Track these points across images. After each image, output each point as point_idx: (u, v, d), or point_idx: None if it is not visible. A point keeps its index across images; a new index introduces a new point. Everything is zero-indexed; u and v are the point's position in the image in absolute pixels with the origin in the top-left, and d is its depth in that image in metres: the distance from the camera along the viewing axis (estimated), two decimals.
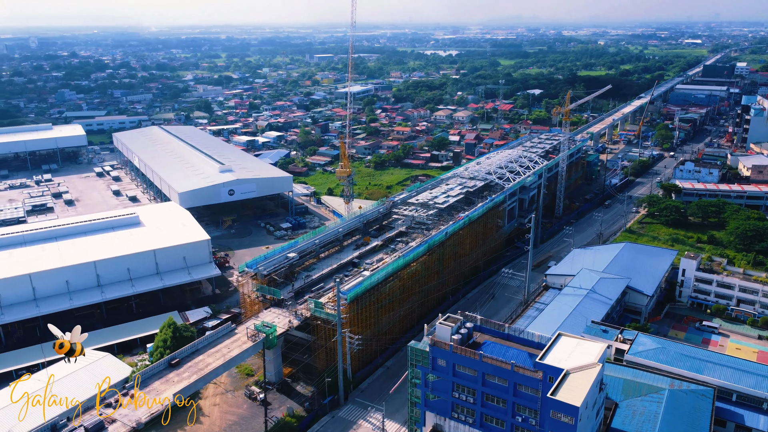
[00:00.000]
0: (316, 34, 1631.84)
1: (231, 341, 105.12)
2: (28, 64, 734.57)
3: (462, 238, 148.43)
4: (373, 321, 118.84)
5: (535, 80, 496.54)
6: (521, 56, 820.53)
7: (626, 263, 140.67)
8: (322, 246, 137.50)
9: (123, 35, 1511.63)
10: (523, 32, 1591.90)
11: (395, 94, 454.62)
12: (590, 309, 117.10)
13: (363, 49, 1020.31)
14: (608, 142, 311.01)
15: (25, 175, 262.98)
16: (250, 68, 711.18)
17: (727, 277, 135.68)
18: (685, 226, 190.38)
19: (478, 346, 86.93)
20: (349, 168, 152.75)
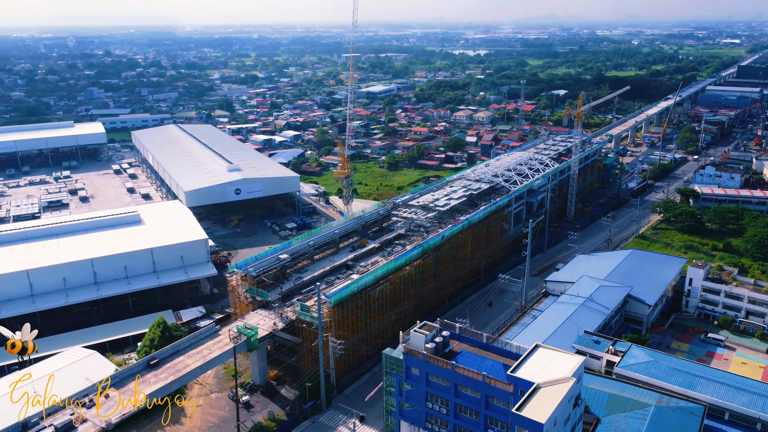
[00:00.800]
0: (346, 33, 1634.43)
1: (213, 342, 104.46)
2: (64, 63, 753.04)
3: (462, 242, 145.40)
4: (362, 325, 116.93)
5: (561, 80, 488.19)
6: (551, 56, 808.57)
7: (630, 271, 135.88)
8: (317, 247, 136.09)
9: (158, 35, 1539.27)
10: (555, 32, 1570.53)
11: (417, 94, 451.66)
12: (585, 318, 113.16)
13: (391, 48, 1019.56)
14: (630, 145, 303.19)
15: (46, 171, 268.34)
16: (277, 67, 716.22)
17: (736, 287, 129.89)
18: (701, 232, 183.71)
19: (454, 355, 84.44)
20: (348, 169, 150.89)
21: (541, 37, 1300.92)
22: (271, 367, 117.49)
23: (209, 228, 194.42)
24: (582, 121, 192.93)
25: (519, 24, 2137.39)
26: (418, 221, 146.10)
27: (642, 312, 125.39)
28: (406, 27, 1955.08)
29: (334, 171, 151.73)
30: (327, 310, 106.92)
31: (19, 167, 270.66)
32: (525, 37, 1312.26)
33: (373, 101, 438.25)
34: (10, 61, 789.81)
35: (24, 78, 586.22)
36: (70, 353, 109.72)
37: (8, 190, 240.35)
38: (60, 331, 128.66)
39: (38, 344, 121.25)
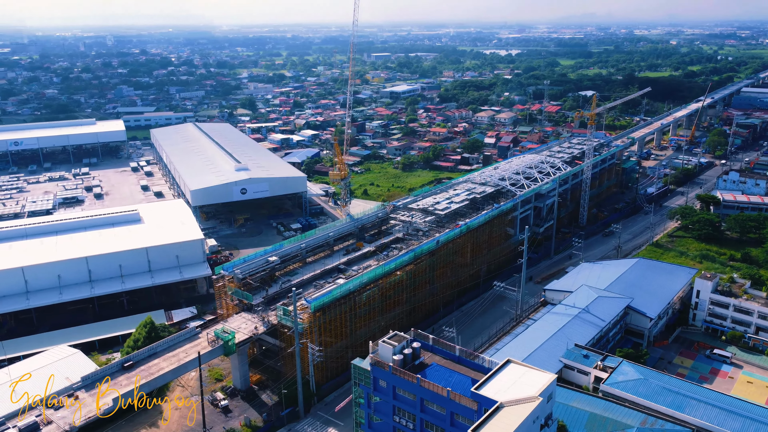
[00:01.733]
0: (380, 32, 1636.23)
1: (191, 345, 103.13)
2: (100, 61, 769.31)
3: (460, 247, 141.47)
4: (347, 331, 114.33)
5: (591, 81, 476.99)
6: (584, 56, 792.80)
7: (634, 281, 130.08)
8: (310, 250, 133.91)
9: (194, 34, 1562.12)
10: (592, 31, 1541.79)
11: (441, 94, 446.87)
12: (577, 331, 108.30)
13: (422, 48, 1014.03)
14: (655, 148, 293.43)
15: (66, 168, 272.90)
16: (306, 66, 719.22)
17: (746, 301, 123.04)
18: (719, 241, 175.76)
19: (424, 368, 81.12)
20: (345, 171, 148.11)
21: (576, 36, 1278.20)
22: (254, 371, 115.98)
23: (215, 227, 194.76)
24: (595, 123, 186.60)
25: (555, 24, 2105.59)
26: (415, 225, 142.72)
27: (643, 325, 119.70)
28: (440, 26, 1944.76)
29: (331, 173, 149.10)
30: (307, 316, 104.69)
31: (41, 163, 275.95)
32: (560, 36, 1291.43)
33: (396, 101, 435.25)
34: (50, 59, 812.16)
35: (59, 76, 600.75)
36: (54, 352, 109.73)
37: (27, 186, 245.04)
38: (55, 327, 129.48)
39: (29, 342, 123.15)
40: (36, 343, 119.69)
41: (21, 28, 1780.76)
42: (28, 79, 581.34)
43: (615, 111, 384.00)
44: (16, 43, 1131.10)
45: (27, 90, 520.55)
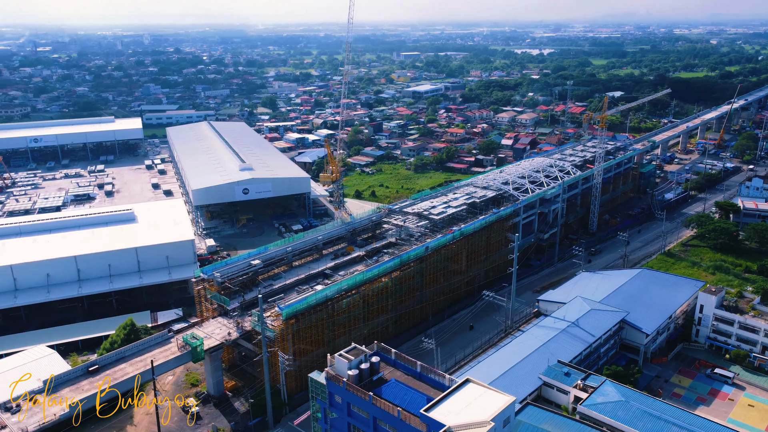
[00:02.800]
0: (413, 32, 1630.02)
1: (161, 350, 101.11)
2: (135, 59, 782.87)
3: (454, 253, 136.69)
4: (325, 339, 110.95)
5: (620, 81, 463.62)
6: (618, 56, 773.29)
7: (633, 293, 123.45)
8: (297, 254, 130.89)
9: (230, 33, 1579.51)
10: (630, 30, 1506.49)
11: (464, 94, 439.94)
12: (562, 346, 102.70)
13: (453, 47, 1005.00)
14: (680, 151, 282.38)
15: (83, 165, 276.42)
16: (334, 65, 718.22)
17: (752, 318, 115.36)
18: (736, 252, 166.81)
19: (383, 383, 77.16)
20: (338, 173, 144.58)
21: (612, 36, 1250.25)
22: (231, 377, 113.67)
23: (216, 227, 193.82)
24: (606, 126, 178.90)
25: (593, 23, 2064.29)
26: (408, 230, 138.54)
27: (638, 340, 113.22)
28: (474, 26, 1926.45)
29: (322, 175, 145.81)
30: (278, 323, 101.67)
31: (59, 160, 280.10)
32: (596, 35, 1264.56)
33: (418, 100, 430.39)
34: (87, 57, 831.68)
35: (92, 74, 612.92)
36: (31, 352, 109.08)
37: (43, 182, 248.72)
38: (44, 326, 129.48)
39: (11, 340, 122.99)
40: (18, 341, 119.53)
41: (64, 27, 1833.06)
42: (62, 77, 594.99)
43: (643, 113, 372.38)
44: (58, 42, 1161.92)
45: (59, 87, 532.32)
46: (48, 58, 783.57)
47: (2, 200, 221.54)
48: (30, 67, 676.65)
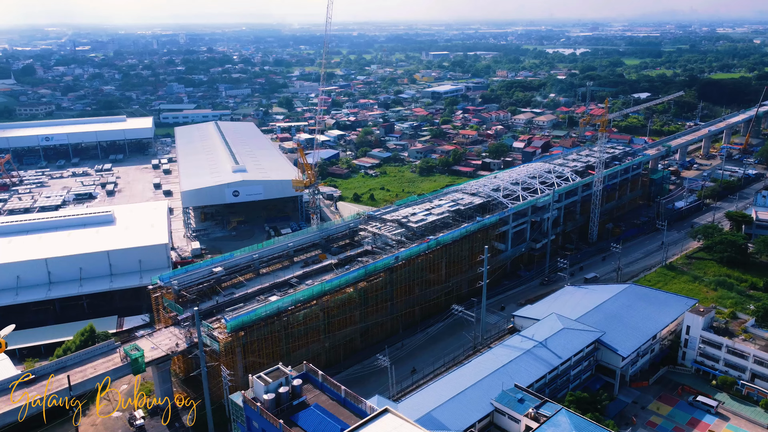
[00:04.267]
0: (447, 31, 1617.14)
1: (103, 361, 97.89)
2: (167, 58, 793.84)
3: (431, 263, 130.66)
4: (280, 352, 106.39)
5: (648, 82, 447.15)
6: (653, 55, 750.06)
7: (615, 311, 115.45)
8: (265, 261, 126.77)
9: (265, 32, 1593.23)
10: (670, 29, 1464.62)
11: (484, 95, 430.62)
12: (524, 368, 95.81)
13: (485, 46, 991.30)
14: (702, 156, 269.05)
15: (93, 163, 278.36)
16: (360, 65, 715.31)
17: (741, 342, 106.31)
18: (744, 266, 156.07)
19: (303, 408, 72.11)
20: (312, 177, 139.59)
21: (651, 35, 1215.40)
22: (185, 389, 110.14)
23: (207, 229, 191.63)
24: (606, 130, 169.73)
25: (633, 21, 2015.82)
26: (383, 238, 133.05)
27: (614, 363, 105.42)
28: (510, 24, 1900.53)
29: (293, 180, 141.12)
30: (224, 336, 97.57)
31: (70, 158, 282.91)
32: (634, 35, 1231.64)
33: (437, 101, 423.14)
34: (122, 56, 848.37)
35: (121, 73, 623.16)
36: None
37: (49, 181, 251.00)
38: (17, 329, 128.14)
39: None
40: None
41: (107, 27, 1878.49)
42: (92, 76, 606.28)
43: (668, 115, 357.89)
44: (97, 41, 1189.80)
45: (88, 86, 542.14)
46: (84, 57, 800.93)
47: (5, 198, 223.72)
48: (64, 66, 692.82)
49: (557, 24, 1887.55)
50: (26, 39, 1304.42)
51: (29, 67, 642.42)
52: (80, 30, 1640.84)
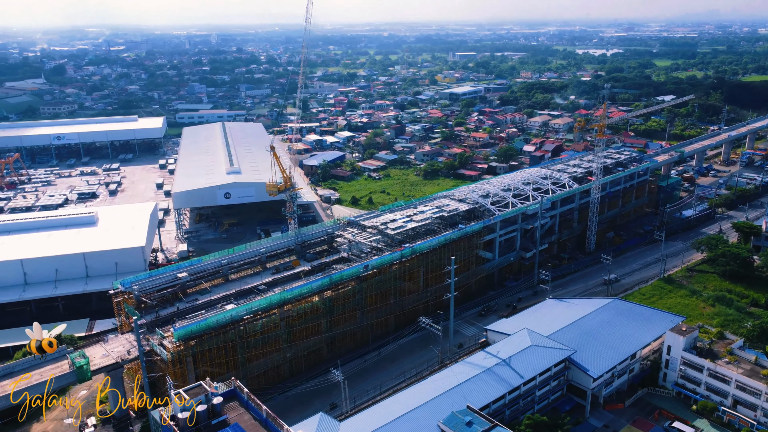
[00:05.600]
0: (478, 31, 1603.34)
1: (53, 367, 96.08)
2: (196, 58, 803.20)
3: (407, 272, 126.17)
4: (237, 362, 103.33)
5: (675, 84, 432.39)
6: (686, 57, 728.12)
7: (593, 327, 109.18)
8: (235, 266, 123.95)
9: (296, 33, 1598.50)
10: (709, 29, 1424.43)
11: (502, 96, 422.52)
12: (481, 387, 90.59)
13: (514, 47, 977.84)
14: (721, 162, 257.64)
15: (103, 162, 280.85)
16: (384, 65, 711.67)
17: (724, 365, 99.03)
18: (748, 280, 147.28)
19: (222, 427, 68.59)
20: (288, 181, 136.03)
21: (688, 35, 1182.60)
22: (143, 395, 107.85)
23: (198, 231, 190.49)
24: (603, 135, 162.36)
25: (671, 21, 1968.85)
26: (358, 245, 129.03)
27: (585, 383, 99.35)
28: (544, 24, 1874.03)
29: (267, 184, 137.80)
30: (173, 345, 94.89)
31: (80, 157, 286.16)
32: (670, 35, 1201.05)
33: (454, 102, 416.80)
34: (153, 56, 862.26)
35: (148, 72, 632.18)
36: None
37: (57, 179, 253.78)
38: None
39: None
40: None
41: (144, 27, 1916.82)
42: (119, 75, 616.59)
43: (692, 118, 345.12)
44: (131, 41, 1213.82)
45: (114, 86, 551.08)
46: (116, 57, 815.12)
47: (10, 197, 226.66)
48: (94, 65, 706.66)
49: (592, 24, 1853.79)
50: (66, 39, 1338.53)
51: (60, 66, 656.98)
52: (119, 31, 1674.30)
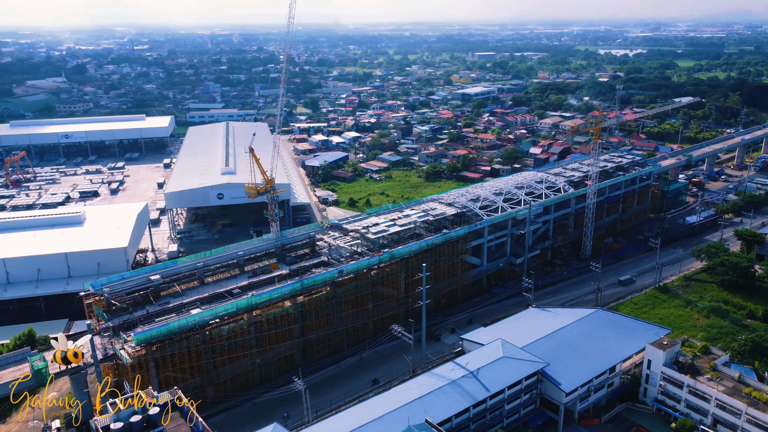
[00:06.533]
0: (501, 31, 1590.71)
1: (15, 369, 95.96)
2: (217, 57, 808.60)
3: (387, 277, 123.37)
4: (202, 368, 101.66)
5: (694, 86, 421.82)
6: (711, 57, 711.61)
7: (571, 338, 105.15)
8: (212, 269, 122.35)
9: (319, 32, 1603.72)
10: (739, 29, 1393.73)
11: (515, 97, 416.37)
12: (443, 400, 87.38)
13: (535, 47, 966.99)
14: (734, 167, 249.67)
15: (110, 161, 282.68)
16: (401, 65, 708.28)
17: (706, 382, 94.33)
18: (747, 291, 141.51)
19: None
20: (269, 183, 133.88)
21: (716, 36, 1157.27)
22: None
23: (191, 231, 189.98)
24: (600, 138, 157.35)
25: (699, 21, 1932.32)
26: (337, 249, 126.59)
27: (558, 397, 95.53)
28: (568, 24, 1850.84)
29: (246, 185, 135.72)
30: (132, 350, 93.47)
31: (87, 156, 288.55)
32: (697, 35, 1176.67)
33: (466, 103, 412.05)
34: (174, 55, 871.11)
35: (166, 71, 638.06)
36: None
37: (62, 178, 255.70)
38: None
39: None
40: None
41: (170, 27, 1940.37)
42: (138, 74, 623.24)
43: (710, 121, 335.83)
44: (154, 41, 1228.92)
45: (132, 85, 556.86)
46: (138, 56, 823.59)
47: (14, 194, 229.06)
48: (116, 64, 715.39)
49: (617, 24, 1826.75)
50: (93, 38, 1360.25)
51: (81, 65, 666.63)
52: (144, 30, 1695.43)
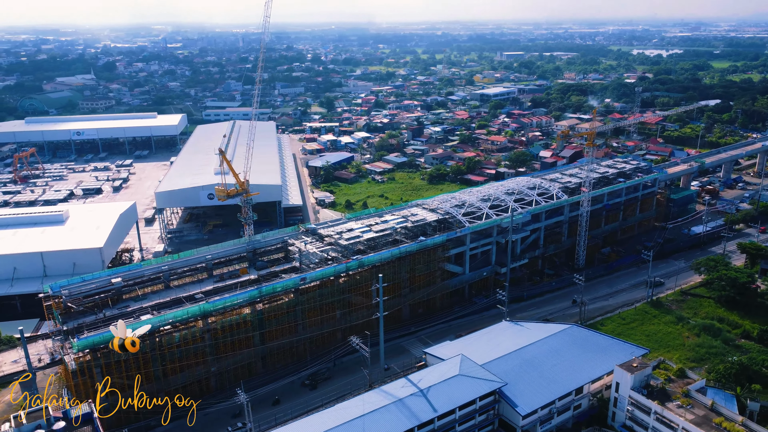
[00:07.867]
0: (534, 30, 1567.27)
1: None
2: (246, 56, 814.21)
3: (356, 285, 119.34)
4: (152, 375, 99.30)
5: (723, 88, 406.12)
6: (749, 58, 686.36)
7: (537, 356, 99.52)
8: (178, 273, 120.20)
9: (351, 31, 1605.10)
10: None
11: (534, 98, 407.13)
12: (386, 420, 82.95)
13: (565, 47, 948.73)
14: (753, 174, 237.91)
15: (120, 158, 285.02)
16: (426, 65, 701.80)
17: (674, 409, 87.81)
18: (745, 308, 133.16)
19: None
20: (242, 185, 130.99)
21: (757, 36, 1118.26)
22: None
23: (182, 231, 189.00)
24: (593, 144, 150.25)
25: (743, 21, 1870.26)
26: (307, 254, 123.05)
27: (514, 420, 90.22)
28: (603, 24, 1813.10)
29: (216, 188, 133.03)
30: (74, 356, 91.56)
31: (98, 153, 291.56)
32: (738, 35, 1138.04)
33: (484, 104, 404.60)
34: (205, 53, 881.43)
35: (191, 69, 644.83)
36: None
37: (69, 175, 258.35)
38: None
39: None
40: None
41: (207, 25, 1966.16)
42: (164, 72, 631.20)
43: (736, 125, 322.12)
44: (188, 39, 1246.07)
45: (157, 82, 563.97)
46: (169, 54, 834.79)
47: (20, 190, 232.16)
48: (145, 62, 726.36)
49: (657, 24, 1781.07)
50: (130, 36, 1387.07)
51: (111, 63, 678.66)
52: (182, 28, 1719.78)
